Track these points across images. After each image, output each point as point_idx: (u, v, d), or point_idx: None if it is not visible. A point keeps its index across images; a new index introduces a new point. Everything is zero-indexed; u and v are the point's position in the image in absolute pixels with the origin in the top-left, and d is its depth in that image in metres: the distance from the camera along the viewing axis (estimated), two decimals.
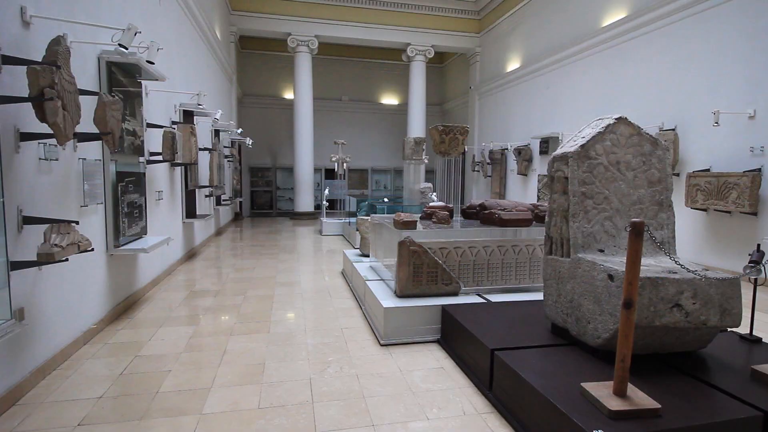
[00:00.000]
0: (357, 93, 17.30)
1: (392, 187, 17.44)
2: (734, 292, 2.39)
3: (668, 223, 2.95)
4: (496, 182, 12.83)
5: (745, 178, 5.81)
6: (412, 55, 14.04)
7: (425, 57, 14.16)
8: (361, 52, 16.65)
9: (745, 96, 6.06)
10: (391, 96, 17.69)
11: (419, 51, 14.02)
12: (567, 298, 2.87)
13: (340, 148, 11.25)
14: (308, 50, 13.20)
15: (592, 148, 2.88)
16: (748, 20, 6.05)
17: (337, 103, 17.02)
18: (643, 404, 2.00)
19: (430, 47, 14.05)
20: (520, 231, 4.33)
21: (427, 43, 13.99)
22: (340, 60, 16.96)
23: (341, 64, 17.03)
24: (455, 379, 3.00)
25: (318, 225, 11.73)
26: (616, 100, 8.46)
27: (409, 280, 3.88)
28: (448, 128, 5.49)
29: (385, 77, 17.56)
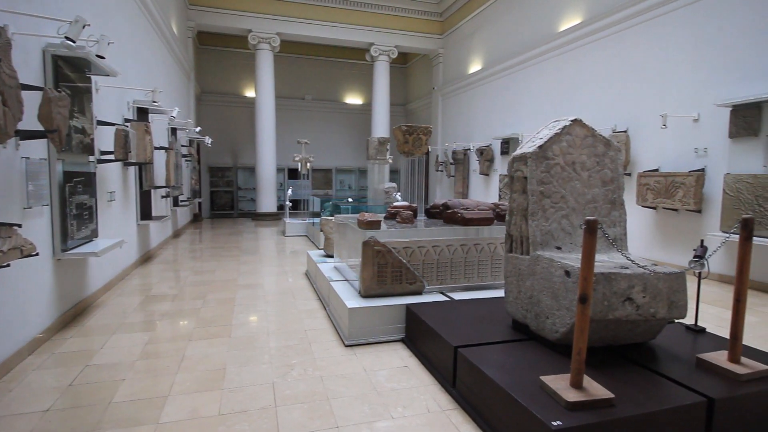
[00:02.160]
0: (320, 92, 17.15)
1: (357, 187, 17.41)
2: (680, 285, 2.53)
3: (620, 220, 3.08)
4: (459, 182, 13.04)
5: (691, 177, 6.16)
6: (376, 55, 14.07)
7: (389, 57, 14.23)
8: (325, 50, 16.53)
9: (690, 100, 6.43)
10: (355, 95, 17.65)
11: (383, 51, 14.07)
12: (527, 294, 2.94)
13: (303, 148, 11.12)
14: (270, 48, 12.97)
15: (550, 148, 2.97)
16: (693, 29, 6.42)
17: (300, 102, 16.82)
18: (598, 395, 2.08)
19: (393, 47, 14.12)
20: (482, 230, 4.41)
21: (391, 43, 14.05)
22: (304, 58, 16.77)
23: (304, 62, 16.84)
24: (420, 378, 3.02)
25: (281, 226, 11.55)
26: (573, 102, 8.78)
27: (373, 280, 3.88)
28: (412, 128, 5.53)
29: (349, 77, 17.51)
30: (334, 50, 16.44)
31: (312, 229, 9.51)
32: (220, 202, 15.65)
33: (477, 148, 11.92)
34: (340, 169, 17.39)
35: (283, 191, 13.53)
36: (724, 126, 5.89)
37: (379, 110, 14.38)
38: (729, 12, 5.92)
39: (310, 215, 11.13)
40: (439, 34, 14.56)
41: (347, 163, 17.43)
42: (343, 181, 17.55)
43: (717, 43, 6.06)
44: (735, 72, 5.84)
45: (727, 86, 5.89)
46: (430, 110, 15.57)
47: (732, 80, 5.86)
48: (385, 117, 14.41)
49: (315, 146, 15.29)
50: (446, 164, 13.74)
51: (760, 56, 5.56)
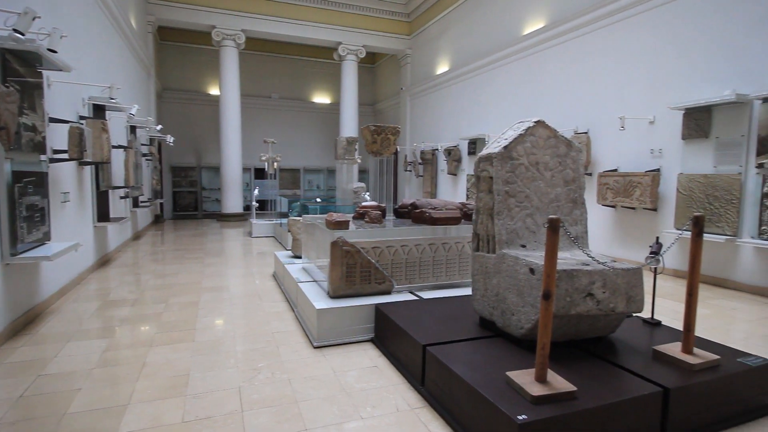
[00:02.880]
0: (288, 91, 16.93)
1: (325, 186, 17.29)
2: (638, 280, 2.64)
3: (581, 219, 3.18)
4: (427, 182, 13.16)
5: (647, 177, 6.45)
6: (344, 54, 14.02)
7: (357, 57, 14.20)
8: (292, 49, 16.33)
9: (646, 103, 6.72)
10: (323, 95, 17.52)
11: (351, 50, 14.03)
12: (493, 292, 3.00)
13: (270, 147, 10.94)
14: (235, 45, 12.70)
15: (514, 149, 3.04)
16: (649, 35, 6.71)
17: (267, 101, 16.55)
18: (561, 388, 2.14)
19: (361, 47, 14.10)
20: (450, 229, 4.46)
21: (359, 42, 14.03)
22: (270, 56, 16.51)
23: (271, 60, 16.58)
24: (389, 377, 3.02)
25: (247, 227, 11.33)
26: (537, 104, 9.02)
27: (342, 281, 3.85)
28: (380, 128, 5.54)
29: (317, 76, 17.36)
30: (302, 49, 16.27)
31: (279, 230, 9.37)
32: (183, 202, 15.20)
33: (445, 148, 12.06)
34: (308, 169, 17.22)
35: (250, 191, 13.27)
36: (677, 128, 6.19)
37: (347, 110, 14.34)
38: (682, 21, 6.22)
39: (277, 216, 10.97)
40: (407, 34, 14.65)
41: (315, 163, 17.28)
42: (312, 181, 17.39)
43: (671, 50, 6.36)
44: (688, 77, 6.14)
45: (680, 90, 6.19)
46: (399, 110, 15.64)
47: (685, 85, 6.16)
48: (354, 117, 14.38)
49: (282, 146, 15.09)
50: (415, 164, 13.84)
51: (710, 63, 5.87)
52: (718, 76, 5.74)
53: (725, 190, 5.55)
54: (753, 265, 5.39)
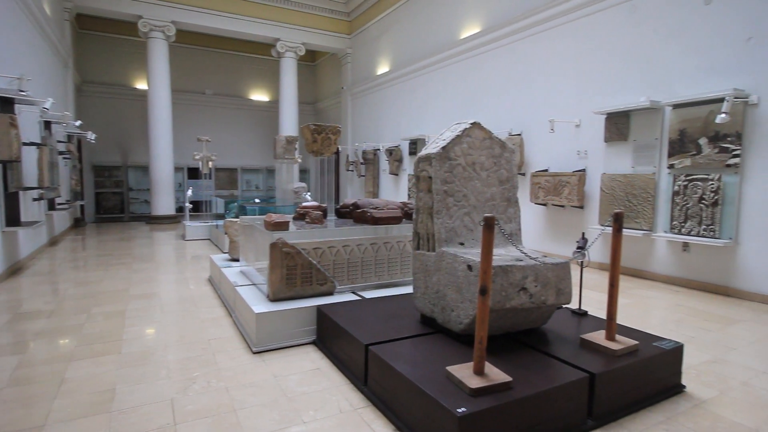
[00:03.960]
0: (223, 87, 16.29)
1: (264, 187, 16.82)
2: (566, 273, 2.80)
3: (515, 217, 3.33)
4: (369, 182, 13.20)
5: (574, 177, 6.88)
6: (282, 51, 13.71)
7: (296, 54, 13.95)
8: (228, 43, 15.72)
9: (573, 107, 7.17)
10: (262, 92, 17.04)
11: (290, 47, 13.75)
12: (433, 289, 3.06)
13: (204, 146, 10.46)
14: (164, 37, 12.00)
15: (452, 150, 3.11)
16: (575, 43, 7.16)
17: (200, 97, 15.83)
18: (498, 379, 2.23)
19: (300, 44, 13.86)
20: (392, 228, 4.49)
21: (298, 40, 13.78)
22: (204, 50, 15.80)
23: (204, 55, 15.87)
24: (332, 379, 2.99)
25: (180, 229, 10.76)
26: (475, 106, 9.33)
27: (282, 283, 3.76)
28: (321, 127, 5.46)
29: (255, 72, 16.86)
30: (238, 44, 15.72)
31: (216, 232, 8.99)
32: (107, 204, 14.15)
33: (386, 148, 12.16)
34: (246, 169, 16.67)
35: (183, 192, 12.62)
36: (600, 131, 6.66)
37: (286, 108, 14.04)
38: (603, 32, 6.69)
39: (213, 217, 10.51)
40: (347, 33, 14.60)
41: (254, 163, 16.77)
42: (250, 181, 16.85)
43: (594, 58, 6.83)
44: (609, 84, 6.63)
45: (603, 96, 6.67)
46: (340, 110, 15.57)
47: (607, 91, 6.64)
48: (294, 115, 14.11)
49: (218, 144, 14.49)
50: (356, 164, 13.84)
51: (627, 72, 6.37)
52: (635, 84, 6.25)
53: (642, 188, 6.05)
54: (666, 257, 5.93)
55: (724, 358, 3.41)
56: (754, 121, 5.01)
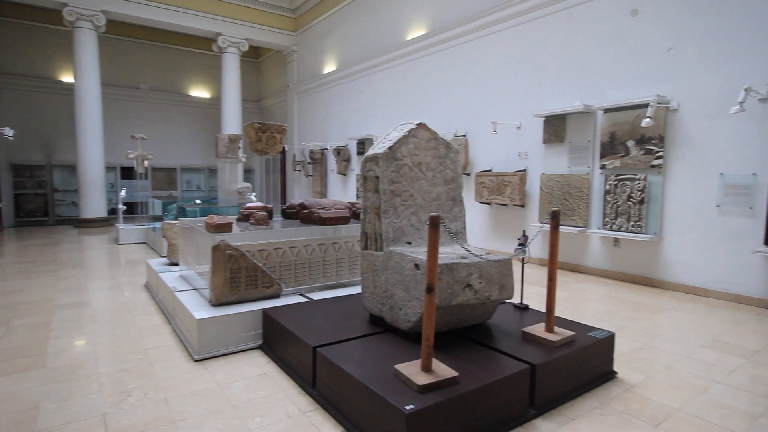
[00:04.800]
0: (160, 82, 15.47)
1: (207, 187, 16.15)
2: (508, 270, 2.90)
3: (460, 216, 3.41)
4: (317, 181, 13.05)
5: (516, 177, 7.16)
6: (224, 46, 13.23)
7: (239, 50, 13.51)
8: (165, 36, 14.95)
9: (514, 110, 7.45)
10: (202, 88, 16.36)
11: (232, 43, 13.29)
12: (382, 288, 3.06)
13: (139, 144, 9.87)
14: (93, 27, 11.20)
15: (398, 150, 3.13)
16: (515, 49, 7.45)
17: (135, 92, 14.94)
18: (445, 375, 2.26)
19: (243, 40, 13.44)
20: (340, 228, 4.46)
21: (241, 35, 13.35)
22: (138, 43, 14.92)
23: (139, 47, 14.99)
24: (279, 384, 2.91)
25: (113, 233, 10.10)
26: (421, 107, 9.47)
27: (225, 287, 3.62)
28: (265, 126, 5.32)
29: (195, 67, 16.15)
30: (176, 37, 14.99)
31: (153, 235, 8.51)
32: (29, 207, 13.01)
33: (334, 148, 12.07)
34: (186, 168, 15.92)
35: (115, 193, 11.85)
36: (539, 133, 6.97)
37: (229, 105, 13.55)
38: (543, 37, 7.02)
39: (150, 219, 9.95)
40: (292, 31, 14.33)
41: (194, 162, 16.06)
42: (190, 181, 16.10)
43: (534, 62, 7.14)
44: (547, 88, 6.95)
45: (542, 100, 6.99)
46: (286, 108, 15.26)
47: (545, 95, 6.97)
48: (237, 113, 13.64)
49: (155, 142, 13.76)
50: (304, 164, 13.63)
51: (564, 77, 6.71)
52: (571, 89, 6.60)
53: (577, 188, 6.41)
54: (599, 252, 6.31)
55: (651, 344, 3.67)
56: (675, 125, 5.45)
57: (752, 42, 4.80)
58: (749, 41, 4.83)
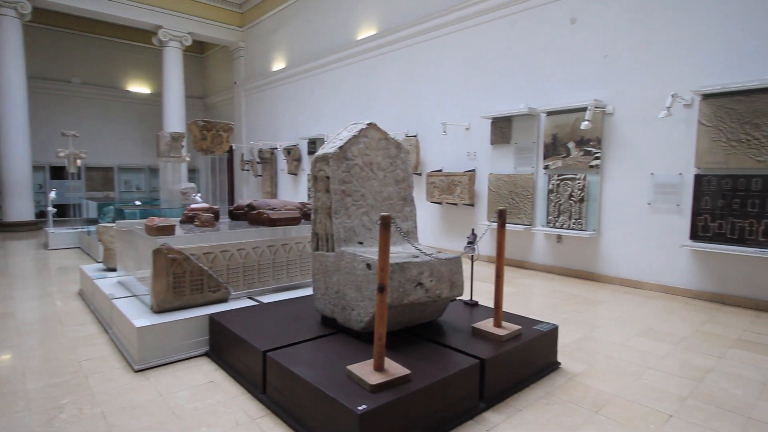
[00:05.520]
0: (95, 76, 14.53)
1: (148, 187, 15.33)
2: (458, 267, 2.96)
3: (411, 215, 3.44)
4: (267, 181, 12.75)
5: (465, 177, 7.33)
6: (166, 39, 12.62)
7: (182, 44, 12.94)
8: (100, 27, 14.06)
9: (463, 112, 7.63)
10: (142, 83, 15.54)
11: (174, 37, 12.70)
12: (333, 289, 3.03)
13: (70, 141, 9.20)
14: (17, 15, 10.32)
15: (349, 149, 3.11)
16: (463, 52, 7.62)
17: (66, 86, 13.94)
18: (397, 373, 2.27)
19: (186, 34, 12.89)
20: (290, 229, 4.37)
21: (183, 29, 12.80)
22: (69, 33, 13.94)
23: (71, 38, 14.00)
24: (227, 391, 2.81)
25: (42, 237, 9.36)
26: (373, 107, 9.48)
27: (168, 292, 3.44)
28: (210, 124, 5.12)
29: (133, 61, 15.31)
30: (113, 28, 14.14)
31: (87, 240, 7.97)
32: None
33: (284, 147, 11.84)
34: (124, 168, 15.02)
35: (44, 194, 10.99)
36: (487, 134, 7.18)
37: (171, 102, 12.93)
38: (489, 41, 7.23)
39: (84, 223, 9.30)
40: (239, 26, 13.91)
41: (133, 161, 15.21)
42: (129, 182, 15.20)
43: (481, 66, 7.34)
44: (494, 91, 7.17)
45: (489, 102, 7.20)
46: (233, 105, 14.79)
47: (492, 97, 7.18)
48: (180, 110, 13.06)
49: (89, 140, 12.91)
50: (252, 163, 13.27)
51: (510, 80, 6.95)
52: (516, 92, 6.85)
53: (523, 187, 6.66)
54: (544, 248, 6.59)
55: (591, 335, 3.88)
56: (611, 128, 5.79)
57: (678, 52, 5.19)
58: (675, 51, 5.22)
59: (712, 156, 4.84)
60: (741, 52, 4.75)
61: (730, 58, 4.82)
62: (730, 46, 4.81)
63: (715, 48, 4.92)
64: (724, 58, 4.86)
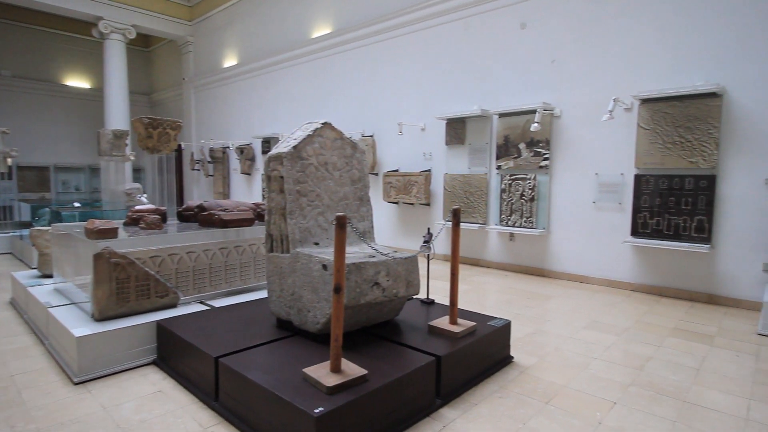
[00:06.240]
0: (27, 68, 13.53)
1: (88, 188, 14.41)
2: (414, 266, 2.98)
3: (368, 215, 3.43)
4: (219, 182, 12.34)
5: (421, 176, 7.42)
6: (107, 32, 11.91)
7: (125, 37, 12.26)
8: (32, 17, 13.08)
9: (418, 112, 7.70)
10: (81, 78, 14.63)
11: (116, 29, 12.02)
12: (289, 291, 2.97)
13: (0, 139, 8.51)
14: None
15: (304, 149, 3.06)
16: (418, 53, 7.70)
17: None
18: (354, 374, 2.26)
19: (130, 26, 12.23)
20: (243, 231, 4.25)
21: (126, 21, 12.13)
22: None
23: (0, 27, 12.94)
24: (177, 400, 2.69)
25: None
26: (328, 106, 9.39)
27: (111, 299, 3.25)
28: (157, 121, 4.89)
29: (71, 54, 14.38)
30: (47, 18, 13.19)
31: (20, 244, 7.39)
32: None
33: (237, 146, 11.50)
34: (61, 167, 14.01)
35: None
36: (442, 135, 7.29)
37: (114, 98, 12.21)
38: (444, 43, 7.34)
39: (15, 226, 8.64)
40: (187, 20, 13.38)
41: (72, 160, 14.26)
42: (67, 182, 14.19)
43: (436, 67, 7.44)
44: (448, 92, 7.29)
45: (444, 103, 7.31)
46: (182, 102, 14.20)
47: (446, 98, 7.30)
48: (124, 106, 12.36)
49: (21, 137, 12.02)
50: (203, 163, 12.80)
51: (465, 81, 7.09)
52: (470, 94, 6.99)
53: (477, 187, 6.82)
54: (497, 246, 6.78)
55: (542, 329, 4.03)
56: (559, 130, 6.03)
57: (620, 58, 5.49)
58: (618, 57, 5.51)
59: (650, 157, 5.16)
60: (677, 60, 5.09)
61: (667, 65, 5.15)
62: (668, 54, 5.15)
63: (653, 55, 5.24)
64: (661, 64, 5.19)
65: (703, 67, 4.89)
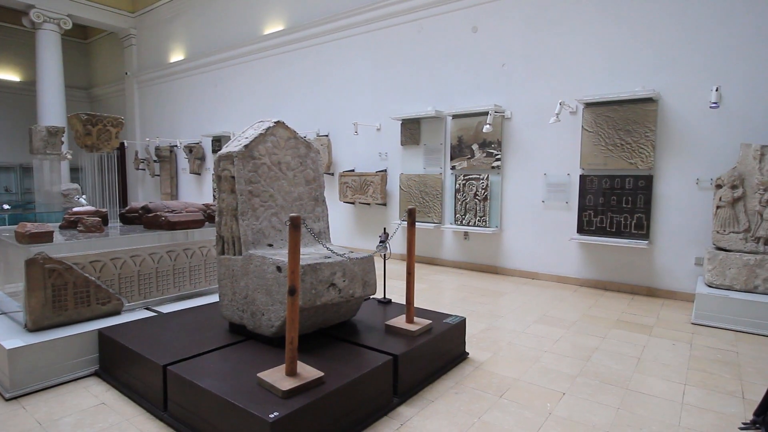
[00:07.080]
0: None
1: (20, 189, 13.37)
2: (371, 267, 2.97)
3: (323, 215, 3.39)
4: (166, 182, 11.81)
5: (377, 176, 7.42)
6: (39, 21, 11.09)
7: (60, 27, 11.46)
8: None
9: (374, 113, 7.70)
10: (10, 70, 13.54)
11: (50, 18, 11.21)
12: (242, 294, 2.88)
13: None
14: None
15: (256, 148, 2.98)
16: (371, 54, 7.70)
17: None
18: (310, 376, 2.22)
19: (65, 16, 11.45)
20: (193, 233, 4.09)
21: (61, 10, 11.35)
22: None
23: None
24: (121, 412, 2.54)
25: None
26: (282, 105, 9.20)
27: (46, 308, 3.03)
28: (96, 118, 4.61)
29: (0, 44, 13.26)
30: None
31: None
32: None
33: (185, 145, 11.05)
34: None
35: None
36: (397, 135, 7.33)
37: (48, 92, 11.37)
38: (397, 44, 7.38)
39: None
40: (129, 11, 12.70)
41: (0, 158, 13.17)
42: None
43: (390, 68, 7.47)
44: (403, 92, 7.34)
45: (399, 103, 7.35)
46: (124, 98, 13.46)
47: (401, 99, 7.35)
48: (59, 101, 11.55)
49: None
50: (149, 162, 12.20)
51: (419, 82, 7.16)
52: (424, 94, 7.08)
53: (432, 187, 6.91)
54: (452, 245, 6.91)
55: (495, 324, 4.14)
56: (509, 132, 6.23)
57: (565, 63, 5.74)
58: (563, 62, 5.76)
59: (593, 158, 5.43)
60: (617, 66, 5.38)
61: (609, 71, 5.44)
62: (609, 61, 5.44)
63: (596, 61, 5.51)
64: (603, 71, 5.47)
65: (640, 73, 5.21)
